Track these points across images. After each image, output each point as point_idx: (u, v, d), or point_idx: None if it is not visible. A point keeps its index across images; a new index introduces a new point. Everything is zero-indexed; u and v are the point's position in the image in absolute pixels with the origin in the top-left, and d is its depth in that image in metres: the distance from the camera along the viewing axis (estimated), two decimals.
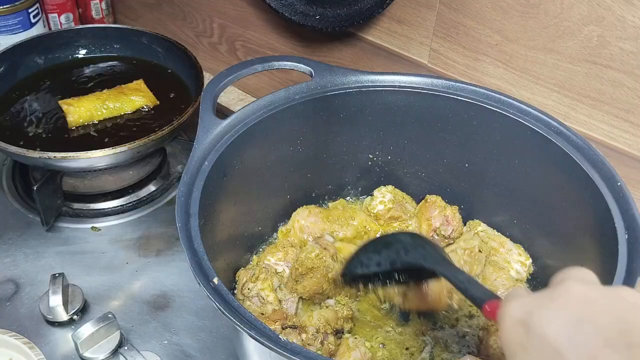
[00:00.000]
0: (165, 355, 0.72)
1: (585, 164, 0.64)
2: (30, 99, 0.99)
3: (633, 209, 0.59)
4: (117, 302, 0.79)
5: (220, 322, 0.76)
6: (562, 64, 0.72)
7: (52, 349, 0.73)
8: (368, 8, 0.82)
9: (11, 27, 1.11)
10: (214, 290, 0.53)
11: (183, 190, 0.62)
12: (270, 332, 0.50)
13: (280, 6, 0.89)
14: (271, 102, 0.73)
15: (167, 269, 0.83)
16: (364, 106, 0.76)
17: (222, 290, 0.53)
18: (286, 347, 0.48)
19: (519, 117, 0.70)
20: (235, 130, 0.69)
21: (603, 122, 0.72)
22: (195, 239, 0.57)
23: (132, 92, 0.98)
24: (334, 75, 0.75)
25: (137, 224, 0.90)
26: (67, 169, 0.85)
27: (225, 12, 1.10)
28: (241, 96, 1.16)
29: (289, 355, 0.47)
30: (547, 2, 0.70)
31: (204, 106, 0.70)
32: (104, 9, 1.25)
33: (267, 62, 0.76)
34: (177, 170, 0.99)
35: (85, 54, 1.09)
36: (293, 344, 0.49)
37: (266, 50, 1.07)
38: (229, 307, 0.51)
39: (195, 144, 0.66)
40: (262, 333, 0.49)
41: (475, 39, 0.78)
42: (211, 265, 0.55)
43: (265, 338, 0.49)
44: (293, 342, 0.49)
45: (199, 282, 0.53)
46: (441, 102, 0.74)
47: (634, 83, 0.68)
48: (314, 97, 0.74)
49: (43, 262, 0.83)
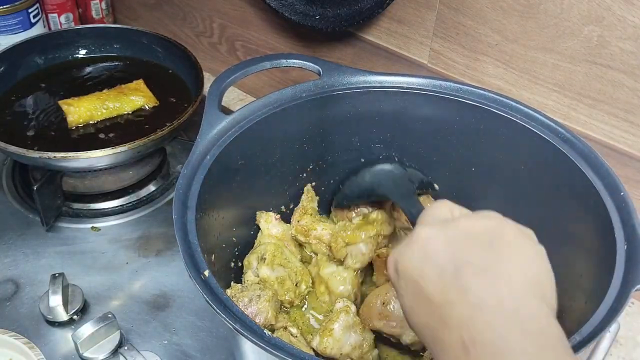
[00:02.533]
0: (165, 355, 0.72)
1: (590, 173, 0.64)
2: (30, 99, 0.99)
3: (634, 219, 0.58)
4: (117, 302, 0.79)
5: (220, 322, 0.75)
6: (562, 64, 0.72)
7: (52, 349, 0.73)
8: (368, 8, 0.82)
9: (11, 27, 1.11)
10: (204, 283, 0.53)
11: (182, 183, 0.62)
12: (257, 327, 0.50)
13: (280, 6, 0.89)
14: (277, 99, 0.72)
15: (167, 269, 0.83)
16: (371, 107, 0.76)
17: (211, 284, 0.53)
18: (270, 342, 0.48)
19: (526, 123, 0.69)
20: (239, 126, 0.69)
21: (603, 122, 0.72)
22: (191, 231, 0.57)
23: (132, 92, 0.98)
24: (341, 75, 0.75)
25: (137, 224, 0.90)
26: (67, 169, 0.85)
27: (225, 12, 1.10)
28: (241, 96, 1.16)
29: (272, 351, 0.47)
30: (547, 2, 0.70)
31: (209, 101, 0.70)
32: (104, 9, 1.25)
33: (276, 59, 0.75)
34: (177, 170, 0.99)
35: (85, 54, 1.09)
36: (277, 339, 0.49)
37: (266, 50, 1.07)
38: (218, 301, 0.51)
39: (199, 138, 0.66)
40: (248, 327, 0.49)
41: (475, 39, 0.78)
42: (204, 258, 0.55)
43: (250, 332, 0.49)
44: (277, 338, 0.49)
45: (189, 274, 0.53)
46: (448, 104, 0.73)
47: (634, 83, 0.68)
48: (321, 96, 0.74)
49: (43, 262, 0.83)
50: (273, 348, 0.47)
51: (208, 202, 0.63)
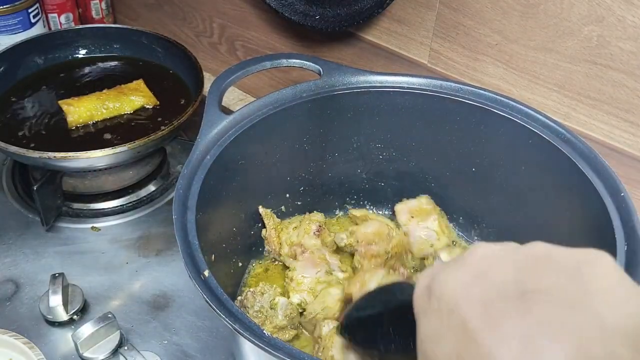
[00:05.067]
0: (165, 355, 0.72)
1: (590, 173, 0.64)
2: (30, 99, 0.99)
3: (634, 220, 0.58)
4: (117, 302, 0.79)
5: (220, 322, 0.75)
6: (562, 64, 0.72)
7: (52, 349, 0.73)
8: (368, 8, 0.82)
9: (11, 27, 1.11)
10: (203, 283, 0.53)
11: (182, 183, 0.62)
12: (255, 326, 0.50)
13: (280, 6, 0.89)
14: (277, 99, 0.72)
15: (167, 269, 0.83)
16: (371, 107, 0.76)
17: (211, 284, 0.53)
18: (270, 342, 0.48)
19: (526, 123, 0.69)
20: (240, 126, 0.69)
21: (603, 122, 0.72)
22: (191, 231, 0.57)
23: (132, 92, 0.98)
24: (342, 75, 0.75)
25: (137, 224, 0.90)
26: (66, 169, 0.85)
27: (225, 12, 1.10)
28: (241, 96, 1.16)
29: (271, 351, 0.47)
30: (547, 2, 0.70)
31: (209, 100, 0.70)
32: (103, 9, 1.25)
33: (277, 59, 0.75)
34: (177, 170, 0.99)
35: (85, 54, 1.09)
36: (277, 339, 0.49)
37: (266, 50, 1.07)
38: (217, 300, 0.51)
39: (199, 137, 0.66)
40: (247, 327, 0.49)
41: (475, 39, 0.78)
42: (204, 259, 0.55)
43: (250, 333, 0.49)
44: (277, 338, 0.49)
45: (189, 274, 0.53)
46: (449, 104, 0.73)
47: (634, 83, 0.68)
48: (322, 96, 0.74)
49: (43, 262, 0.83)
50: (272, 348, 0.47)
51: (208, 202, 0.63)
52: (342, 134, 0.78)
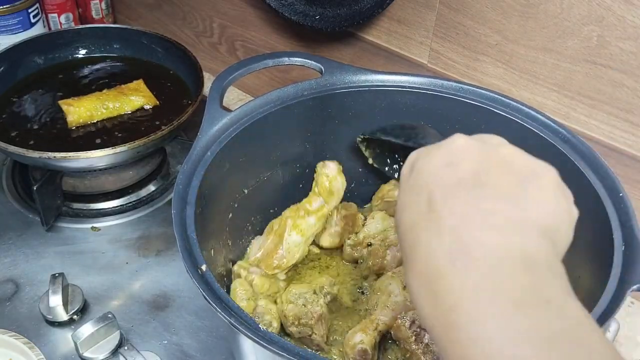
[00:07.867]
0: (165, 355, 0.72)
1: (590, 173, 0.64)
2: (30, 99, 0.99)
3: (632, 220, 0.58)
4: (117, 302, 0.79)
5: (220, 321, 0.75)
6: (562, 64, 0.72)
7: (52, 349, 0.73)
8: (368, 8, 0.82)
9: (11, 27, 1.11)
10: (201, 277, 0.53)
11: (182, 178, 0.62)
12: (252, 322, 0.50)
13: (280, 6, 0.89)
14: (279, 97, 0.73)
15: (167, 269, 0.83)
16: (372, 105, 0.76)
17: (208, 278, 0.53)
18: (265, 336, 0.48)
19: (526, 123, 0.69)
20: (240, 123, 0.69)
21: (603, 122, 0.72)
22: (189, 226, 0.57)
23: (132, 92, 0.98)
24: (343, 74, 0.75)
25: (136, 224, 0.90)
26: (67, 169, 0.85)
27: (225, 12, 1.10)
28: (241, 96, 1.16)
29: (267, 345, 0.47)
30: (547, 2, 0.70)
31: (211, 98, 0.70)
32: (103, 9, 1.25)
33: (278, 57, 0.75)
34: (177, 170, 0.99)
35: (85, 54, 1.09)
36: (272, 334, 0.49)
37: (266, 50, 1.07)
38: (214, 295, 0.51)
39: (200, 134, 0.66)
40: (244, 322, 0.49)
41: (475, 39, 0.78)
42: (203, 254, 0.55)
43: (246, 327, 0.49)
44: (272, 333, 0.49)
45: (186, 268, 0.53)
46: (450, 104, 0.74)
47: (634, 83, 0.68)
48: (323, 94, 0.74)
49: (43, 262, 0.83)
50: (268, 343, 0.48)
51: (207, 197, 0.63)
52: (343, 133, 0.78)
